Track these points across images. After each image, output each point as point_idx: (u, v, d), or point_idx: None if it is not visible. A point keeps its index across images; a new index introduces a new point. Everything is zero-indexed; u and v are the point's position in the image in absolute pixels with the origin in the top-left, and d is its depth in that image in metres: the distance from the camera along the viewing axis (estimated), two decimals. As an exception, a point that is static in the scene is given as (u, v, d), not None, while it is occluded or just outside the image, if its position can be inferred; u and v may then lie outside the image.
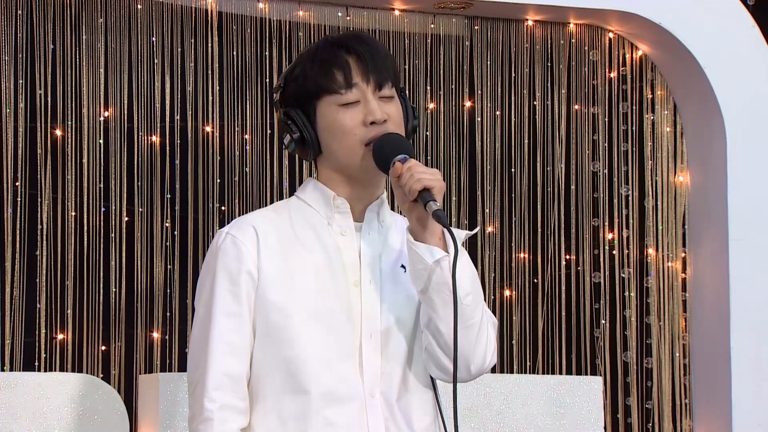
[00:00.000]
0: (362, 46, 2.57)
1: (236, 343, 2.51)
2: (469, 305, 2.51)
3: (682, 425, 5.36)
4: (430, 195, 2.45)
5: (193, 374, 2.54)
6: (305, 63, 2.59)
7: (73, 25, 4.85)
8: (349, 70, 2.55)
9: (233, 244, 2.54)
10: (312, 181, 2.63)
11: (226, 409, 2.49)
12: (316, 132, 2.58)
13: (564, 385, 4.49)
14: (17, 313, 4.71)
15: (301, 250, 2.56)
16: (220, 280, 2.53)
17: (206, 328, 2.53)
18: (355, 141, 2.54)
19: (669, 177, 5.43)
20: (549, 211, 5.36)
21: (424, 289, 2.50)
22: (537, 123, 5.37)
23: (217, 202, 5.00)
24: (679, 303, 5.39)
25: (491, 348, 2.58)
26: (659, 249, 5.40)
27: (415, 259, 2.49)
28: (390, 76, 2.58)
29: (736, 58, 5.21)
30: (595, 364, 5.34)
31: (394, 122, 2.56)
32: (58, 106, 4.82)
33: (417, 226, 2.50)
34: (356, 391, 2.51)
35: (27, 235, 4.75)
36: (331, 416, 2.49)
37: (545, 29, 5.37)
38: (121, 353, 4.82)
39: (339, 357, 2.52)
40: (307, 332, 2.51)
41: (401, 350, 2.57)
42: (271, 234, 2.56)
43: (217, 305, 2.52)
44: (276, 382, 2.51)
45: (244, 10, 5.07)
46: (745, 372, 5.09)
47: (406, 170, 2.47)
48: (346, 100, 2.55)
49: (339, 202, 2.58)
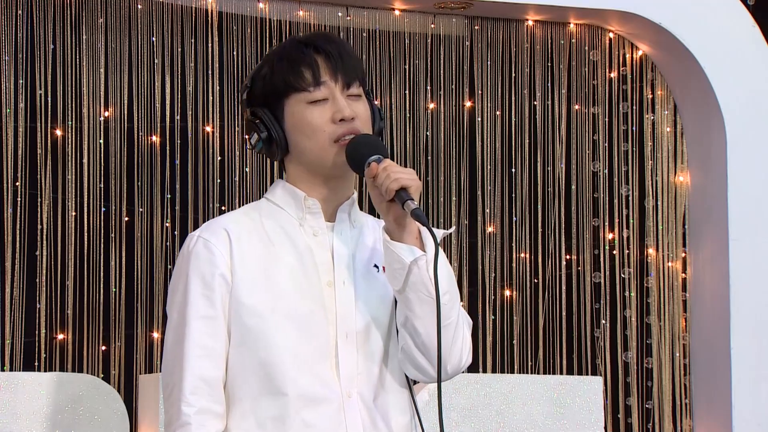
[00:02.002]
0: (330, 45, 2.57)
1: (211, 346, 2.50)
2: (446, 304, 2.50)
3: (683, 425, 5.36)
4: (407, 194, 2.45)
5: (168, 379, 2.53)
6: (273, 62, 2.60)
7: (73, 25, 4.85)
8: (318, 68, 2.55)
9: (205, 248, 2.53)
10: (281, 182, 2.64)
11: (204, 414, 2.48)
12: (284, 131, 2.58)
13: (564, 385, 4.49)
14: (17, 313, 4.71)
15: (274, 252, 2.55)
16: (194, 284, 2.52)
17: (181, 333, 2.51)
18: (325, 138, 2.54)
19: (669, 177, 5.43)
20: (549, 211, 5.36)
21: (402, 288, 2.50)
22: (537, 123, 5.37)
23: (217, 202, 5.00)
24: (679, 303, 5.39)
25: (467, 347, 2.58)
26: (659, 249, 5.40)
27: (392, 259, 2.49)
28: (358, 75, 2.58)
29: (736, 58, 5.21)
30: (596, 364, 5.34)
31: (362, 120, 2.56)
32: (58, 106, 4.82)
33: (394, 225, 2.49)
34: (333, 391, 2.51)
35: (27, 235, 4.75)
36: (309, 418, 2.49)
37: (545, 29, 5.37)
38: (121, 353, 4.82)
39: (315, 358, 2.51)
40: (282, 334, 2.50)
41: (377, 350, 2.56)
42: (244, 236, 2.56)
43: (191, 309, 2.51)
44: (253, 384, 2.50)
45: (244, 10, 5.07)
46: (745, 372, 5.09)
47: (382, 170, 2.47)
48: (315, 98, 2.55)
49: (310, 202, 2.58)
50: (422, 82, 5.27)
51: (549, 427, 4.42)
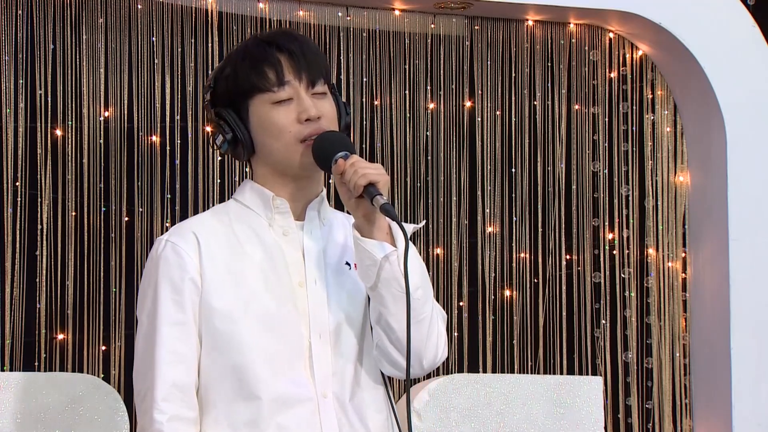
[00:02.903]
0: (293, 43, 2.55)
1: (182, 352, 2.49)
2: (419, 299, 2.49)
3: (683, 425, 5.36)
4: (375, 189, 2.44)
5: (140, 385, 2.51)
6: (236, 62, 2.57)
7: (73, 25, 4.85)
8: (281, 67, 2.53)
9: (174, 252, 2.52)
10: (249, 182, 2.61)
11: (176, 420, 2.46)
12: (249, 131, 2.56)
13: (564, 385, 4.48)
14: (17, 313, 4.71)
15: (244, 254, 2.53)
16: (163, 290, 2.50)
17: (151, 339, 2.49)
18: (290, 138, 2.52)
19: (669, 177, 5.43)
20: (549, 211, 5.36)
21: (373, 285, 2.48)
22: (537, 123, 5.37)
23: (217, 202, 4.99)
24: (679, 303, 5.39)
25: (442, 341, 2.56)
26: (659, 249, 5.40)
27: (363, 256, 2.47)
28: (322, 72, 2.56)
29: (736, 58, 5.21)
30: (596, 364, 5.34)
31: (328, 119, 2.55)
32: (58, 106, 4.82)
33: (363, 221, 2.48)
34: (308, 393, 2.49)
35: (27, 235, 4.75)
36: (284, 421, 2.47)
37: (545, 29, 5.37)
38: (121, 353, 4.82)
39: (288, 360, 2.50)
40: (254, 337, 2.48)
41: (352, 348, 2.55)
42: (212, 239, 2.54)
43: (161, 315, 2.49)
44: (226, 389, 2.49)
45: (244, 10, 5.07)
46: (745, 372, 5.09)
47: (350, 166, 2.46)
48: (279, 98, 2.53)
49: (278, 202, 2.56)
50: (422, 82, 5.27)
51: (549, 427, 4.42)
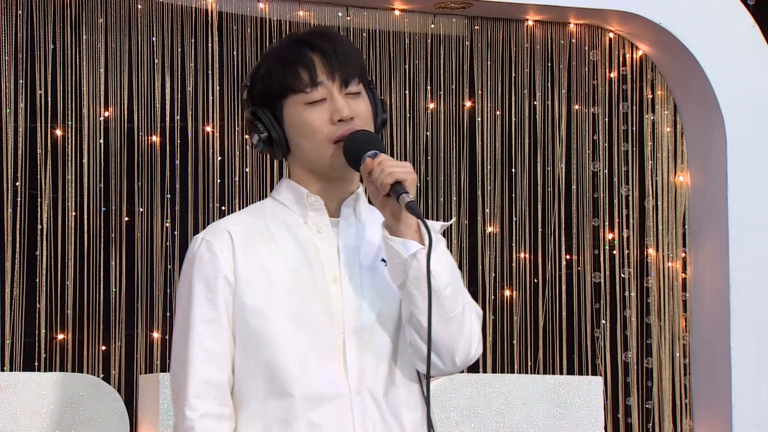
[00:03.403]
0: (326, 42, 2.54)
1: (215, 350, 2.49)
2: (449, 296, 2.48)
3: (683, 425, 5.36)
4: (402, 187, 2.43)
5: (174, 383, 2.52)
6: (270, 62, 2.57)
7: (73, 25, 4.85)
8: (314, 68, 2.52)
9: (208, 250, 2.52)
10: (285, 180, 2.62)
11: (208, 418, 2.47)
12: (284, 131, 2.57)
13: (564, 385, 4.48)
14: (17, 313, 4.71)
15: (278, 252, 2.54)
16: (197, 288, 2.51)
17: (185, 337, 2.50)
18: (323, 139, 2.52)
19: (669, 177, 5.43)
20: (549, 211, 5.36)
21: (402, 283, 2.47)
22: (537, 123, 5.37)
23: (217, 202, 4.99)
24: (679, 303, 5.39)
25: (475, 338, 2.54)
26: (659, 249, 5.40)
27: (392, 254, 2.47)
28: (356, 72, 2.55)
29: (736, 58, 5.21)
30: (596, 364, 5.34)
31: (361, 119, 2.54)
32: (58, 106, 4.82)
33: (391, 220, 2.47)
34: (341, 389, 2.49)
35: (27, 235, 4.75)
36: (316, 418, 2.47)
37: (545, 29, 5.37)
38: (121, 353, 4.82)
39: (321, 357, 2.49)
40: (286, 334, 2.48)
41: (386, 345, 2.54)
42: (247, 237, 2.54)
43: (195, 313, 2.50)
44: (259, 386, 2.49)
45: (244, 10, 5.07)
46: (745, 372, 5.09)
47: (377, 165, 2.45)
48: (312, 99, 2.53)
49: (313, 199, 2.56)
50: (422, 82, 5.27)
51: (549, 427, 4.42)
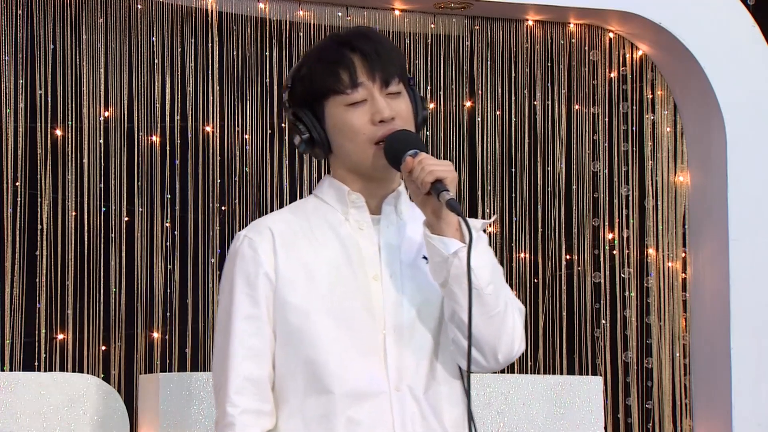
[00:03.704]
0: (367, 43, 2.56)
1: (256, 346, 2.52)
2: (491, 294, 2.49)
3: (683, 425, 5.36)
4: (442, 185, 2.45)
5: (216, 380, 2.55)
6: (311, 63, 2.58)
7: (73, 25, 4.85)
8: (355, 69, 2.54)
9: (250, 247, 2.55)
10: (328, 178, 2.64)
11: (248, 414, 2.49)
12: (325, 131, 2.58)
13: (564, 385, 4.48)
14: (17, 313, 4.71)
15: (319, 249, 2.56)
16: (238, 284, 2.54)
17: (226, 333, 2.53)
18: (365, 140, 2.54)
19: (669, 177, 5.43)
20: (549, 211, 5.36)
21: (444, 282, 2.49)
22: (537, 123, 5.37)
23: (217, 202, 5.00)
24: (679, 303, 5.39)
25: (518, 335, 2.55)
26: (659, 249, 5.40)
27: (433, 252, 2.49)
28: (396, 71, 2.56)
29: (736, 58, 5.21)
30: (596, 364, 5.34)
31: (402, 118, 2.55)
32: (58, 106, 4.82)
33: (433, 218, 2.49)
34: (381, 386, 2.51)
35: (27, 235, 4.75)
36: (355, 415, 2.49)
37: (545, 29, 5.37)
38: (121, 353, 4.82)
39: (361, 354, 2.51)
40: (327, 331, 2.50)
41: (426, 342, 2.55)
42: (288, 235, 2.56)
43: (236, 309, 2.53)
44: (299, 383, 2.51)
45: (244, 10, 5.07)
46: (745, 372, 5.09)
47: (417, 164, 2.47)
48: (353, 100, 2.54)
49: (354, 197, 2.58)
50: (422, 82, 5.27)
51: (549, 427, 4.42)
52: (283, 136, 5.08)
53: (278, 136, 5.08)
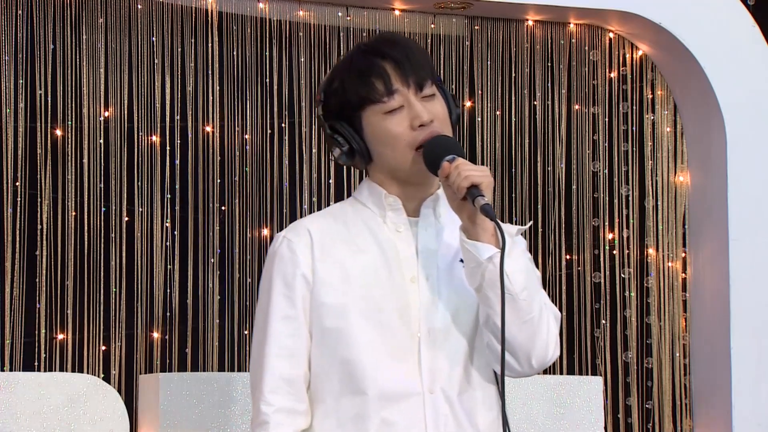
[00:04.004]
0: (396, 49, 2.58)
1: (292, 346, 2.55)
2: (525, 300, 2.50)
3: (683, 425, 5.36)
4: (477, 190, 2.47)
5: (252, 378, 2.58)
6: (343, 75, 2.60)
7: (73, 25, 4.85)
8: (388, 77, 2.56)
9: (288, 248, 2.58)
10: (366, 181, 2.66)
11: (282, 413, 2.52)
12: (364, 141, 2.60)
13: (564, 385, 4.49)
14: (17, 313, 4.71)
15: (356, 250, 2.58)
16: (276, 285, 2.57)
17: (263, 333, 2.57)
18: (405, 146, 2.56)
19: (669, 177, 5.43)
20: (549, 211, 5.36)
21: (479, 286, 2.50)
22: (537, 123, 5.37)
23: (217, 202, 5.00)
24: (679, 303, 5.39)
25: (552, 340, 2.56)
26: (659, 249, 5.40)
27: (468, 257, 2.50)
28: (428, 74, 2.58)
29: (736, 58, 5.21)
30: (596, 364, 5.34)
31: (439, 119, 2.57)
32: (58, 106, 4.82)
33: (468, 223, 2.51)
34: (414, 388, 2.52)
35: (27, 235, 4.75)
36: (389, 416, 2.51)
37: (545, 29, 5.37)
38: (121, 353, 4.82)
39: (396, 355, 2.53)
40: (362, 332, 2.53)
41: (461, 346, 2.57)
42: (326, 236, 2.59)
43: (273, 309, 2.56)
44: (334, 383, 2.54)
45: (244, 10, 5.07)
46: (745, 372, 5.09)
47: (454, 169, 2.49)
48: (390, 108, 2.55)
49: (391, 200, 2.60)
50: (422, 82, 5.26)
51: (549, 427, 4.42)
52: (283, 136, 5.08)
53: (278, 136, 5.08)
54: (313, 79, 5.11)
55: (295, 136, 5.10)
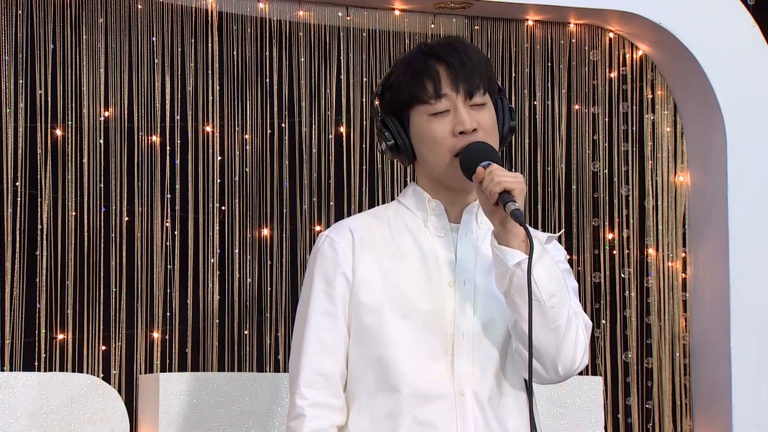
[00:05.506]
0: (453, 54, 2.60)
1: (330, 342, 2.60)
2: (553, 307, 2.52)
3: (682, 425, 5.36)
4: (509, 196, 2.48)
5: (290, 372, 2.64)
6: (399, 71, 2.65)
7: (73, 25, 4.85)
8: (439, 80, 2.59)
9: (330, 247, 2.64)
10: (412, 185, 2.70)
11: (319, 407, 2.57)
12: (410, 139, 2.63)
13: (564, 385, 4.48)
14: (17, 313, 4.71)
15: (397, 252, 2.62)
16: (317, 282, 2.63)
17: (302, 328, 2.62)
18: (445, 151, 2.59)
19: (669, 177, 5.43)
20: (549, 211, 5.36)
21: (507, 292, 2.53)
22: (537, 123, 5.37)
23: (217, 202, 5.00)
24: (679, 303, 5.39)
25: (581, 349, 2.58)
26: (659, 249, 5.40)
27: (498, 262, 2.53)
28: (482, 83, 2.60)
29: (736, 58, 5.21)
30: (595, 364, 5.34)
31: (484, 130, 2.59)
32: (58, 106, 4.82)
33: (500, 229, 2.52)
34: (446, 389, 2.56)
35: (27, 235, 4.75)
36: (421, 415, 2.55)
37: (545, 29, 5.37)
38: (121, 353, 4.82)
39: (430, 356, 2.57)
40: (398, 332, 2.57)
41: (495, 351, 2.60)
42: (368, 237, 2.64)
43: (313, 305, 2.62)
44: (369, 381, 2.58)
45: (244, 10, 5.07)
46: (745, 372, 5.09)
47: (487, 174, 2.50)
48: (436, 110, 2.58)
49: (434, 204, 2.64)
50: (422, 82, 5.26)
51: (549, 427, 4.42)
52: (283, 136, 5.08)
53: (278, 136, 5.08)
54: (313, 79, 5.11)
55: (295, 136, 5.10)
